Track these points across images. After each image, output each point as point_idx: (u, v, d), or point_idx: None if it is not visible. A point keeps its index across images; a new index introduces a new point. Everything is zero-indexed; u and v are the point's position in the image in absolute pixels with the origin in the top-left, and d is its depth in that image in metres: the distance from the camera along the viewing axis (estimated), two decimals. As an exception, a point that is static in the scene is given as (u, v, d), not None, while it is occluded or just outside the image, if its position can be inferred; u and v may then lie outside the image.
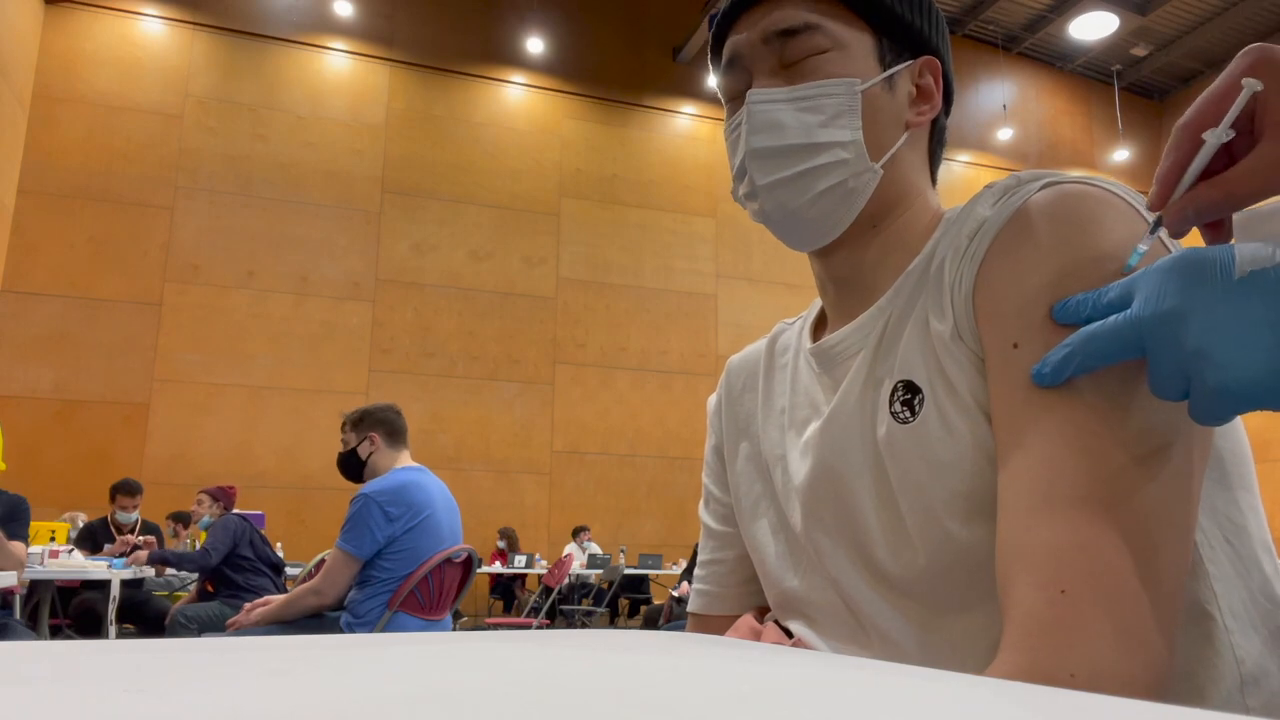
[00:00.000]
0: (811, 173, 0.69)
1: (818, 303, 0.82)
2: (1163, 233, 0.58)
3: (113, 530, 5.73)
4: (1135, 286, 0.52)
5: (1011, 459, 0.56)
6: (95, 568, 4.62)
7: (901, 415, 0.64)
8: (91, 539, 5.61)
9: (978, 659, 0.59)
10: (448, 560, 2.86)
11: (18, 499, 3.58)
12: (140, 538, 5.56)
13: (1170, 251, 0.57)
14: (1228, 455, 0.61)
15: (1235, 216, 0.49)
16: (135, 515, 5.78)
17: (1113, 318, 0.52)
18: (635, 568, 8.31)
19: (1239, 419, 0.63)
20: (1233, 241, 0.50)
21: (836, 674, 0.36)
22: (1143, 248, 0.55)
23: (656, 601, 8.06)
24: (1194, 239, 0.55)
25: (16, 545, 3.37)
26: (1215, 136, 0.51)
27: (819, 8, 0.71)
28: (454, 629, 4.02)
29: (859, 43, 0.71)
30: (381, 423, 2.97)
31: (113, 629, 4.70)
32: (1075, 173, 0.64)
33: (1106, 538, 0.51)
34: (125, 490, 5.75)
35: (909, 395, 0.64)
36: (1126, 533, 0.51)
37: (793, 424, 0.76)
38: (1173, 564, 0.52)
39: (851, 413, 0.68)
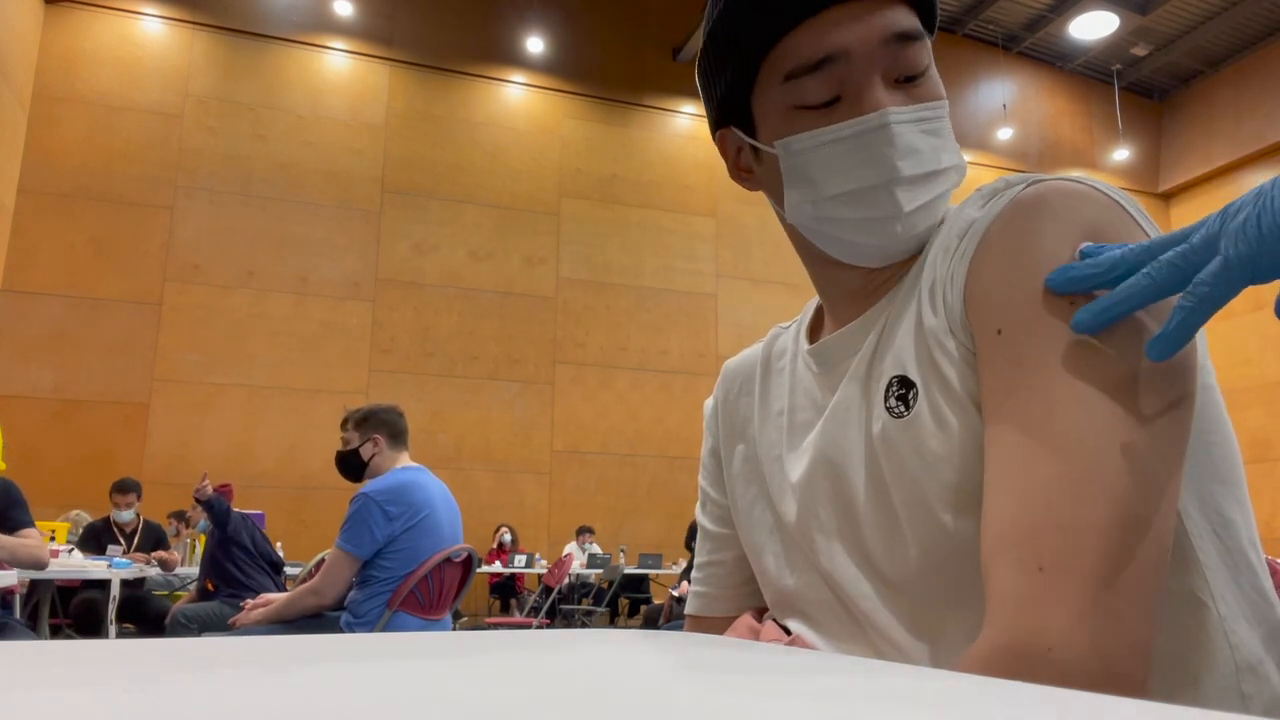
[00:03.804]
0: (939, 199, 0.68)
1: (812, 305, 0.82)
2: (1147, 224, 0.61)
3: (115, 530, 5.74)
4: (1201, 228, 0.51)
5: (994, 442, 0.57)
6: (96, 567, 4.62)
7: (896, 410, 0.65)
8: (95, 539, 5.62)
9: (973, 656, 0.59)
10: (448, 560, 2.86)
11: (5, 483, 3.12)
12: (156, 554, 5.57)
13: (1149, 237, 0.57)
14: (1216, 449, 0.61)
15: None
16: (131, 513, 5.78)
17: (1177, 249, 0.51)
18: (635, 568, 8.31)
19: (1228, 417, 0.64)
20: None
21: (835, 673, 0.36)
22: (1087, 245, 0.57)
23: (656, 601, 8.06)
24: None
25: (27, 534, 3.02)
26: None
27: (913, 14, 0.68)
28: (454, 629, 4.02)
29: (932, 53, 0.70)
30: (385, 424, 2.97)
31: (113, 629, 4.70)
32: (1075, 173, 0.64)
33: (1086, 516, 0.51)
34: (118, 489, 5.75)
35: (904, 390, 0.65)
36: (1107, 512, 0.51)
37: (793, 425, 0.77)
38: (1154, 543, 0.52)
39: (850, 409, 0.69)
